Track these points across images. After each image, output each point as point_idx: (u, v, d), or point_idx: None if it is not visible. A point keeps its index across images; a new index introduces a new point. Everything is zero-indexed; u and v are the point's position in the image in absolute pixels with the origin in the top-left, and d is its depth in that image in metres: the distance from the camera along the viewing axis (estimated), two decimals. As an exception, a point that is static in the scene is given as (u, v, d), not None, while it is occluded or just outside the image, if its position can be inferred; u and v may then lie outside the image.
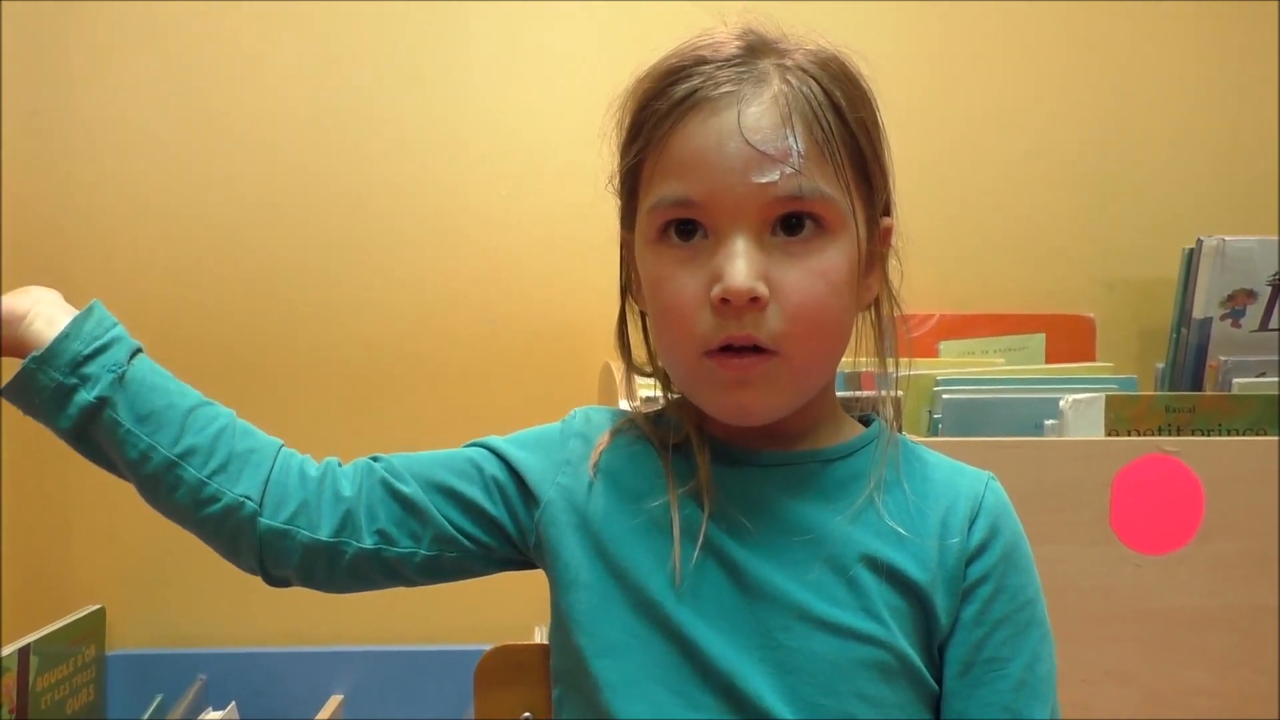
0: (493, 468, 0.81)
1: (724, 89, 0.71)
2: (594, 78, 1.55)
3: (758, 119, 0.70)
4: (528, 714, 0.87)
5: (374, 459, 0.81)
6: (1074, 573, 1.11)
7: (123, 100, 1.56)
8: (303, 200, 1.58)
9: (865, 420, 0.82)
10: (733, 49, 0.72)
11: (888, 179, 0.77)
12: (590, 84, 1.55)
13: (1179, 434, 1.19)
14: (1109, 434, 1.18)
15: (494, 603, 1.31)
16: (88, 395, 0.74)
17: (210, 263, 1.57)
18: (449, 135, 1.59)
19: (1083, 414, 1.18)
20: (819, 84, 0.72)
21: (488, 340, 1.60)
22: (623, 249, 0.81)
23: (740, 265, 0.69)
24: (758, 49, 0.73)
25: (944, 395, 1.24)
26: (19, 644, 1.33)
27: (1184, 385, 1.40)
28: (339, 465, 0.81)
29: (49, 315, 0.75)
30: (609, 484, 0.79)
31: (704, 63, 0.72)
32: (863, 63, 0.76)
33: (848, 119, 0.72)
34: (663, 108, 0.72)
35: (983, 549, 0.75)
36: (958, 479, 0.78)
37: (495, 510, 0.80)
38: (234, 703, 1.46)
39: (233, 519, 0.76)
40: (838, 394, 0.82)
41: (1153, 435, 1.18)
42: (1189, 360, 1.40)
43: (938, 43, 1.64)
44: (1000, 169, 1.65)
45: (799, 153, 0.70)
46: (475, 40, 1.59)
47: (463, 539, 0.80)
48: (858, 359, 0.80)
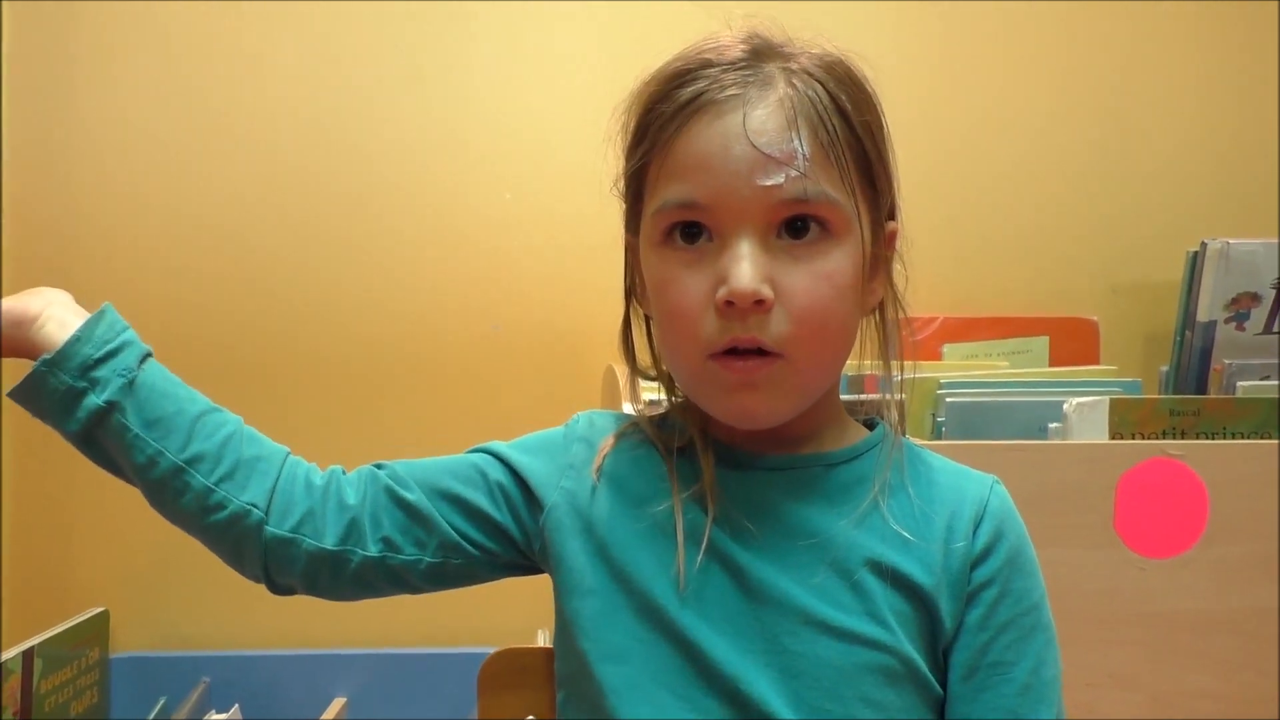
0: (497, 473, 0.81)
1: (730, 92, 0.71)
2: (596, 79, 1.56)
3: (763, 122, 0.70)
4: (531, 717, 0.87)
5: (378, 466, 0.81)
6: (1078, 576, 1.11)
7: (124, 101, 1.56)
8: (304, 201, 1.58)
9: (869, 424, 0.82)
10: (738, 52, 0.72)
11: (892, 183, 0.77)
12: (592, 85, 1.56)
13: (1183, 437, 1.19)
14: (1113, 437, 1.18)
15: (498, 606, 1.31)
16: (97, 399, 0.74)
17: (211, 264, 1.57)
18: (451, 136, 1.59)
19: (1087, 417, 1.18)
20: (824, 87, 0.72)
21: (490, 343, 1.60)
22: (627, 252, 0.81)
23: (745, 268, 0.69)
24: (763, 53, 0.73)
25: (947, 398, 1.23)
26: (22, 647, 1.32)
27: (1188, 388, 1.40)
28: (343, 473, 0.81)
29: (61, 318, 0.75)
30: (613, 488, 0.79)
31: (709, 66, 0.72)
32: (866, 65, 0.76)
33: (853, 122, 0.72)
34: (668, 110, 0.72)
35: (987, 553, 0.75)
36: (962, 483, 0.78)
37: (500, 516, 0.80)
38: (237, 705, 1.46)
39: (238, 526, 0.76)
40: (842, 397, 0.82)
41: (1157, 439, 1.18)
42: (1193, 363, 1.40)
43: (940, 45, 1.64)
44: (1003, 171, 1.65)
45: (804, 156, 0.70)
46: (476, 41, 1.59)
47: (467, 545, 0.79)
48: (862, 362, 0.80)
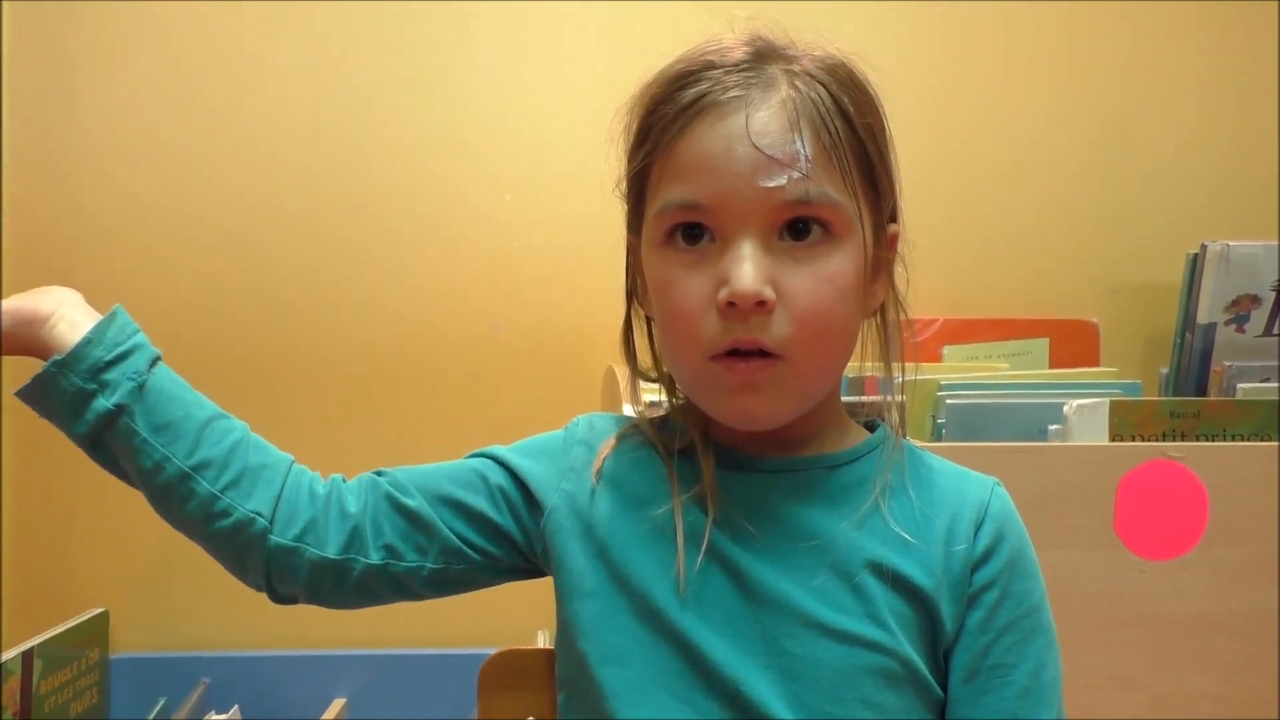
0: (497, 477, 0.81)
1: (732, 94, 0.71)
2: (596, 80, 1.56)
3: (766, 123, 0.70)
4: (531, 718, 0.87)
5: (378, 474, 0.81)
6: (1078, 578, 1.11)
7: (124, 101, 1.56)
8: (304, 202, 1.58)
9: (870, 425, 0.82)
10: (741, 54, 0.72)
11: (894, 185, 0.77)
12: (592, 86, 1.56)
13: (1183, 439, 1.19)
14: (1113, 439, 1.18)
15: (498, 607, 1.30)
16: (106, 402, 0.73)
17: (211, 264, 1.57)
18: (451, 137, 1.59)
19: (1087, 419, 1.18)
20: (827, 90, 0.72)
21: (490, 344, 1.60)
22: (629, 254, 0.81)
23: (747, 269, 0.69)
24: (766, 55, 0.73)
25: (948, 400, 1.23)
26: (22, 647, 1.33)
27: (1188, 390, 1.40)
28: (343, 482, 0.81)
29: (72, 319, 0.75)
30: (613, 490, 0.79)
31: (712, 68, 0.72)
32: (867, 67, 0.76)
33: (855, 125, 0.72)
34: (670, 112, 0.72)
35: (988, 555, 0.75)
36: (963, 485, 0.78)
37: (502, 520, 0.80)
38: (237, 706, 1.46)
39: (243, 534, 0.76)
40: (843, 399, 0.82)
41: (1157, 440, 1.18)
42: (1193, 365, 1.40)
43: (940, 46, 1.64)
44: (1003, 173, 1.65)
45: (807, 157, 0.70)
46: (477, 42, 1.59)
47: (469, 551, 0.79)
48: (863, 364, 0.80)
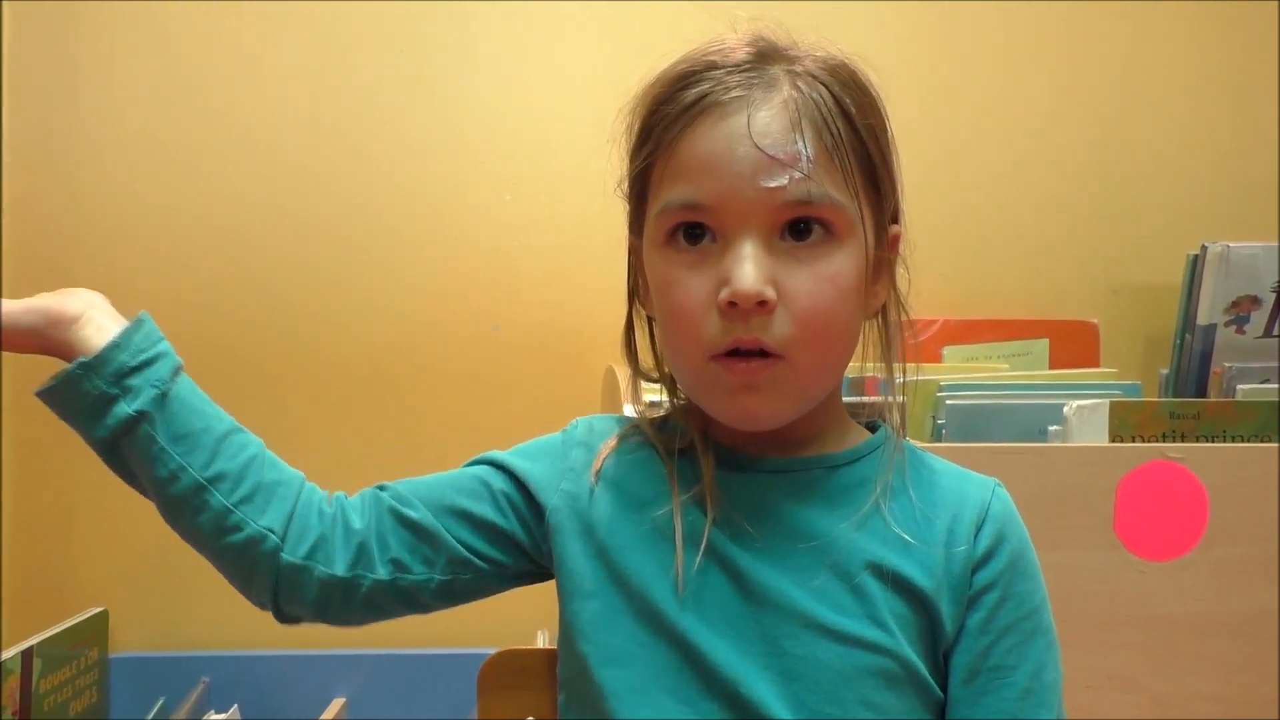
0: (500, 482, 0.81)
1: (734, 94, 0.71)
2: (597, 80, 1.56)
3: (767, 124, 0.70)
4: (531, 718, 0.87)
5: (380, 488, 0.81)
6: (1078, 578, 1.11)
7: (124, 102, 1.56)
8: (304, 202, 1.58)
9: (871, 426, 0.82)
10: (743, 55, 0.73)
11: (896, 186, 0.77)
12: (593, 87, 1.56)
13: (1183, 440, 1.19)
14: (1113, 440, 1.18)
15: (497, 607, 1.29)
16: (128, 408, 0.73)
17: (212, 265, 1.57)
18: (451, 137, 1.59)
19: (1087, 420, 1.18)
20: (829, 90, 0.72)
21: (491, 344, 1.60)
22: (631, 254, 0.81)
23: (748, 269, 0.69)
24: (768, 55, 0.73)
25: (948, 401, 1.23)
26: (22, 646, 1.32)
27: (1188, 391, 1.40)
28: (346, 498, 0.80)
29: (100, 322, 0.74)
30: (613, 491, 0.79)
31: (714, 68, 0.72)
32: (868, 68, 0.76)
33: (857, 125, 0.72)
34: (672, 112, 0.72)
35: (989, 556, 0.75)
36: (964, 486, 0.78)
37: (507, 525, 0.80)
38: (236, 706, 1.46)
39: (254, 550, 0.75)
40: (844, 399, 0.82)
41: (1157, 441, 1.18)
42: (1193, 366, 1.40)
43: (940, 47, 1.64)
44: (1004, 174, 1.65)
45: (808, 158, 0.70)
46: (477, 42, 1.59)
47: (476, 560, 0.79)
48: (864, 365, 0.80)
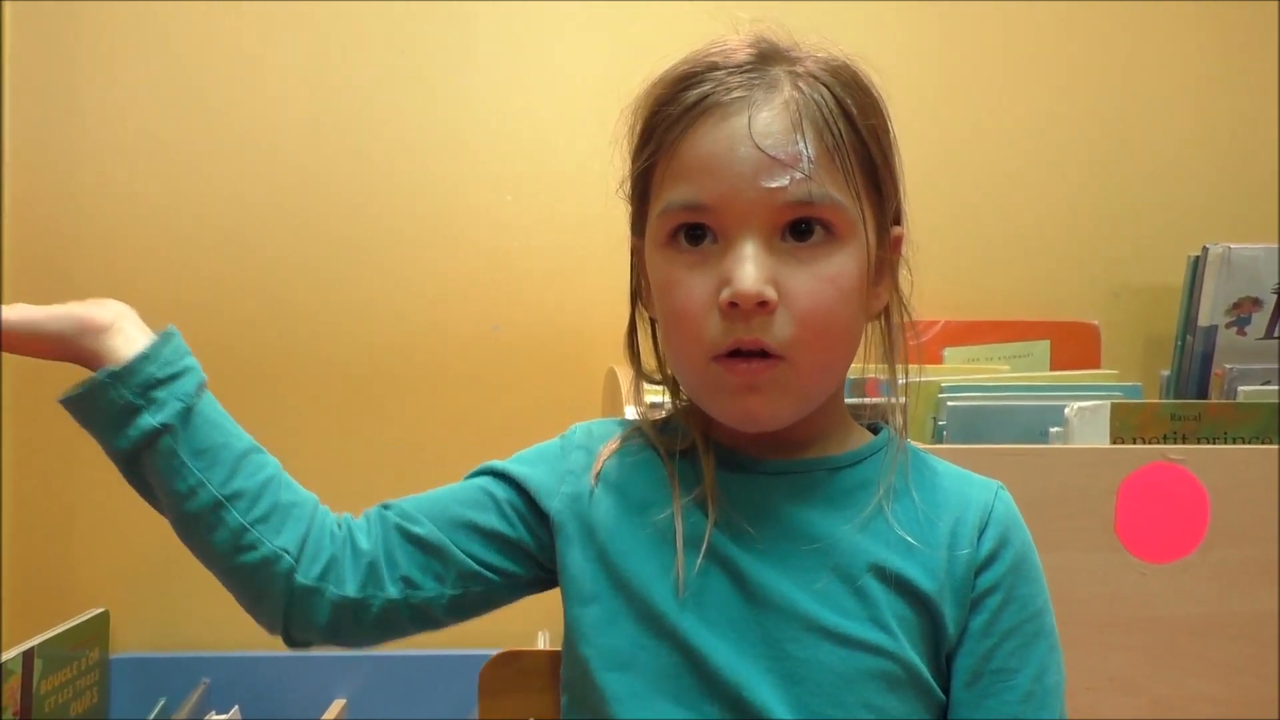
0: (503, 491, 0.80)
1: (735, 94, 0.71)
2: (597, 81, 1.56)
3: (768, 124, 0.70)
4: (532, 719, 0.87)
5: (384, 506, 0.80)
6: (1079, 580, 1.11)
7: (125, 102, 1.56)
8: (305, 202, 1.58)
9: (873, 428, 0.82)
10: (744, 56, 0.73)
11: (898, 187, 0.77)
12: (593, 87, 1.56)
13: (1184, 442, 1.18)
14: (1114, 442, 1.18)
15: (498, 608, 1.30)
16: (152, 419, 0.72)
17: (212, 265, 1.57)
18: (451, 138, 1.59)
19: (1088, 421, 1.18)
20: (830, 91, 0.72)
21: (491, 345, 1.60)
22: (633, 255, 0.81)
23: (749, 269, 0.69)
24: (769, 56, 0.73)
25: (949, 402, 1.23)
26: (23, 647, 1.33)
27: (1189, 393, 1.40)
28: (353, 519, 0.80)
29: (129, 333, 0.74)
30: (614, 494, 0.78)
31: (716, 69, 0.72)
32: (869, 69, 0.76)
33: (859, 126, 0.72)
34: (674, 112, 0.72)
35: (992, 559, 0.75)
36: (967, 488, 0.78)
37: (514, 533, 0.79)
38: (237, 706, 1.46)
39: (267, 570, 0.75)
40: (846, 401, 0.81)
41: (1158, 443, 1.18)
42: (1194, 368, 1.40)
43: (941, 48, 1.64)
44: (1005, 175, 1.65)
45: (809, 158, 0.70)
46: (478, 42, 1.59)
47: (486, 571, 0.79)
48: (865, 366, 0.80)
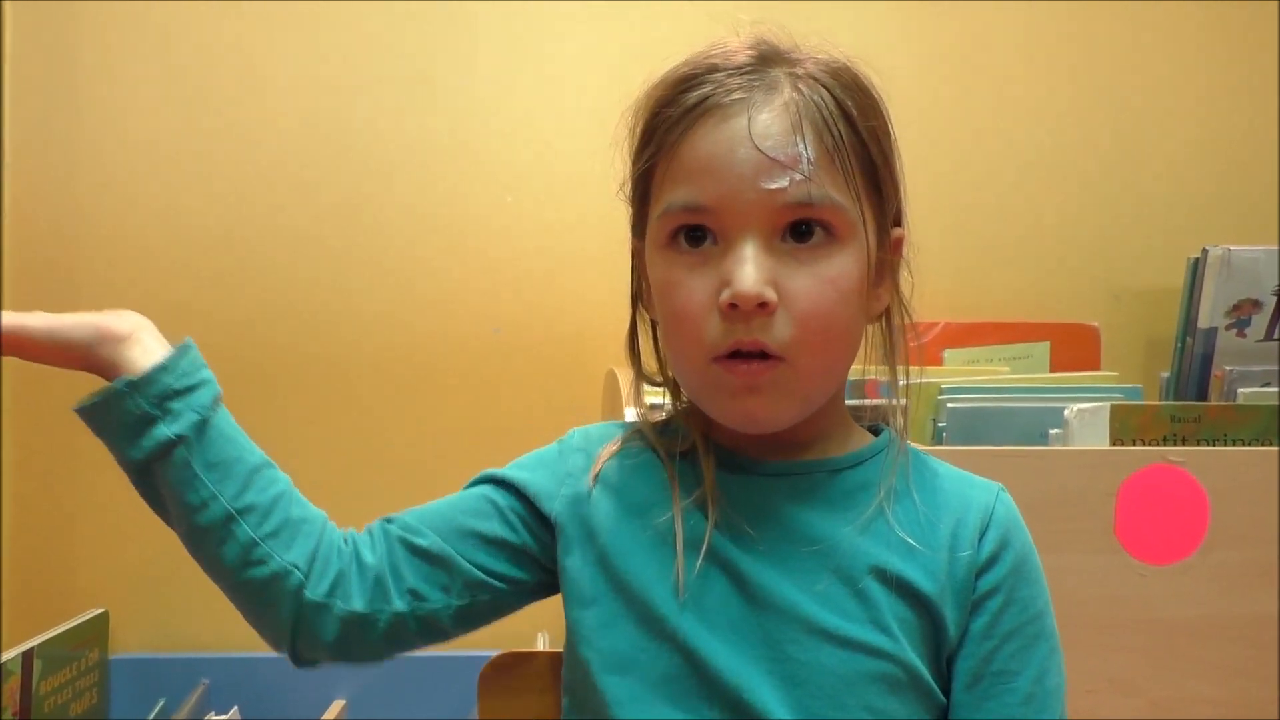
0: (504, 498, 0.80)
1: (735, 96, 0.71)
2: (598, 83, 1.56)
3: (768, 125, 0.70)
4: (532, 720, 0.87)
5: (387, 520, 0.80)
6: (1078, 582, 1.11)
7: (126, 103, 1.56)
8: (306, 203, 1.58)
9: (874, 429, 0.82)
10: (744, 57, 0.73)
11: (899, 188, 0.76)
12: (594, 89, 1.56)
13: (1184, 444, 1.18)
14: (1114, 443, 1.17)
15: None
16: (167, 430, 0.72)
17: (212, 266, 1.57)
18: (453, 141, 1.59)
19: (1088, 423, 1.18)
20: (830, 93, 0.72)
21: (492, 347, 1.60)
22: (634, 257, 0.81)
23: (749, 270, 0.69)
24: (769, 58, 0.73)
25: (948, 404, 1.23)
26: (22, 648, 1.33)
27: (1189, 395, 1.40)
28: (356, 534, 0.79)
29: (147, 344, 0.73)
30: (614, 496, 0.78)
31: (716, 70, 0.72)
32: (870, 70, 0.76)
33: (859, 127, 0.72)
34: (674, 114, 0.72)
35: (993, 561, 0.75)
36: (968, 490, 0.78)
37: (518, 540, 0.79)
38: (237, 707, 1.46)
39: (276, 586, 0.74)
40: (846, 402, 0.81)
41: (1158, 445, 1.18)
42: (1194, 370, 1.40)
43: (943, 51, 1.64)
44: (1005, 177, 1.65)
45: (809, 159, 0.70)
46: (478, 45, 1.59)
47: (492, 580, 0.79)
48: (865, 367, 0.80)
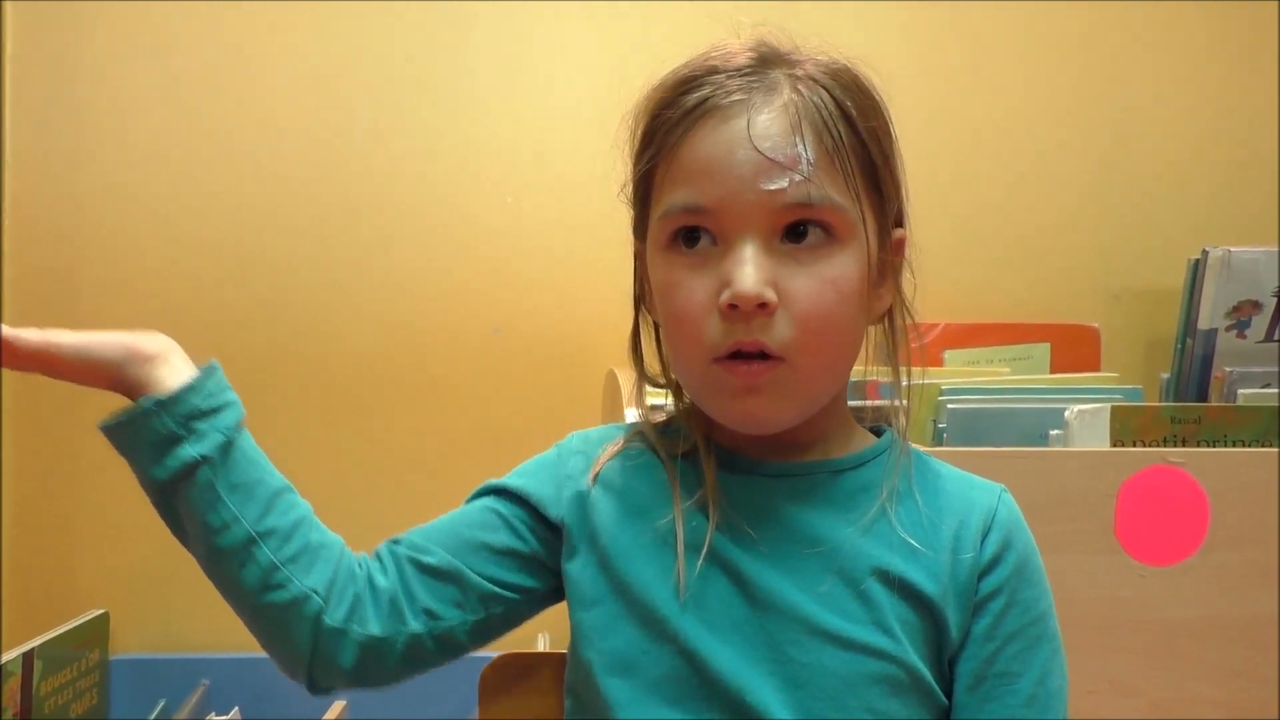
0: (508, 507, 0.80)
1: (734, 97, 0.71)
2: (598, 84, 1.56)
3: (767, 126, 0.70)
4: (532, 721, 0.87)
5: (394, 542, 0.80)
6: (1078, 583, 1.11)
7: (127, 104, 1.56)
8: (307, 205, 1.58)
9: (876, 430, 0.82)
10: (744, 59, 0.73)
11: (900, 189, 0.76)
12: (594, 90, 1.56)
13: (1184, 445, 1.18)
14: (1114, 444, 1.17)
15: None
16: (192, 450, 0.71)
17: (213, 268, 1.57)
18: (454, 141, 1.59)
19: (1088, 424, 1.18)
20: (830, 94, 0.72)
21: (492, 347, 1.60)
22: (636, 259, 0.81)
23: (749, 271, 0.69)
24: (769, 59, 0.73)
25: (949, 405, 1.23)
26: (23, 648, 1.33)
27: (1189, 396, 1.40)
28: (368, 559, 0.79)
29: (175, 364, 0.73)
30: (616, 498, 0.78)
31: (716, 72, 0.72)
32: (871, 71, 0.76)
33: (859, 128, 0.72)
34: (674, 116, 0.72)
35: (995, 563, 0.75)
36: (970, 491, 0.78)
37: (527, 548, 0.79)
38: (237, 708, 1.46)
39: (296, 611, 0.74)
40: (848, 403, 0.81)
41: (1158, 446, 1.18)
42: (1194, 371, 1.40)
43: (944, 52, 1.64)
44: (1006, 179, 1.65)
45: (808, 160, 0.70)
46: (479, 46, 1.60)
47: (505, 591, 0.78)
48: (866, 368, 0.80)
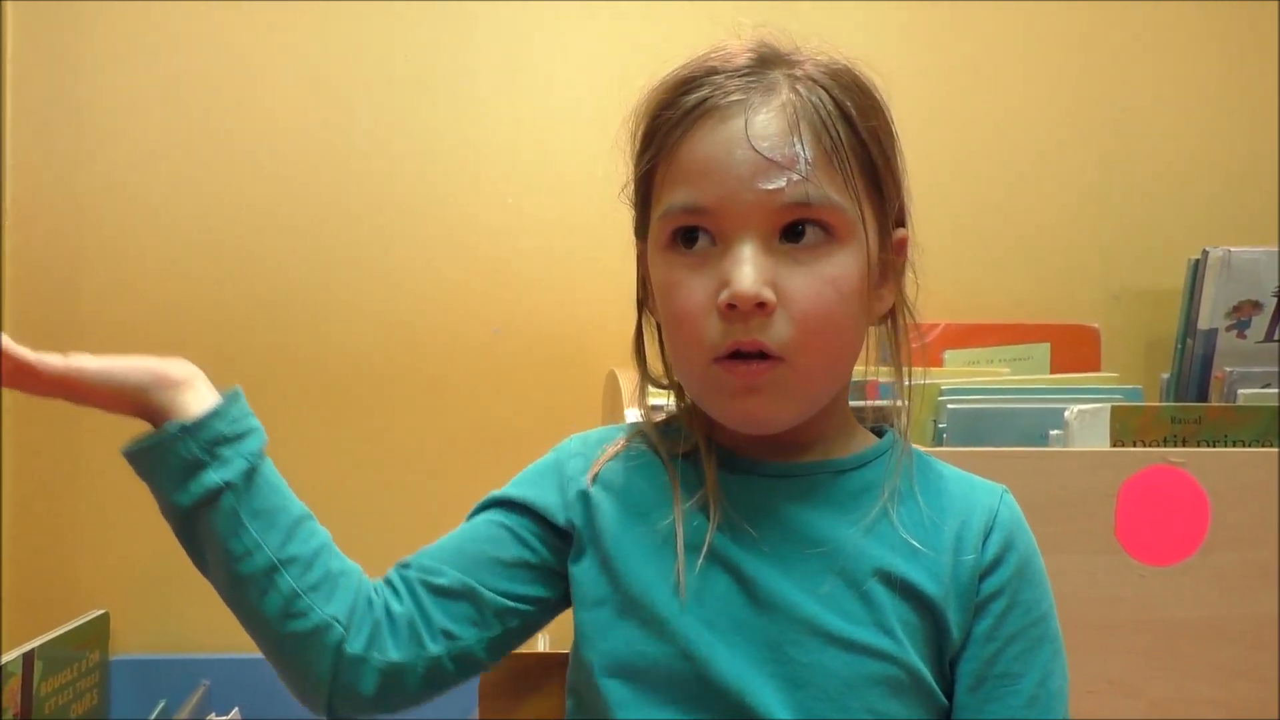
0: (513, 519, 0.79)
1: (733, 97, 0.71)
2: (598, 84, 1.56)
3: (765, 126, 0.70)
4: (532, 722, 0.87)
5: (403, 565, 0.79)
6: (1079, 583, 1.11)
7: (127, 106, 1.56)
8: (307, 206, 1.58)
9: (877, 431, 0.82)
10: (744, 60, 0.73)
11: (900, 189, 0.76)
12: (594, 91, 1.56)
13: (1184, 445, 1.18)
14: (1114, 445, 1.17)
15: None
16: (216, 476, 0.71)
17: (213, 269, 1.57)
18: (454, 142, 1.59)
19: (1088, 424, 1.18)
20: (829, 94, 0.72)
21: (492, 347, 1.60)
22: (638, 261, 0.81)
23: (747, 271, 0.69)
24: (769, 60, 0.73)
25: (949, 405, 1.23)
26: (23, 649, 1.33)
27: (1189, 396, 1.40)
28: (381, 585, 0.78)
29: (201, 390, 0.73)
30: (617, 499, 0.78)
31: (715, 73, 0.72)
32: (872, 72, 0.76)
33: (858, 128, 0.72)
34: (674, 116, 0.72)
35: (997, 564, 0.75)
36: (972, 492, 0.78)
37: (537, 558, 0.79)
38: (237, 709, 1.46)
39: (317, 639, 0.73)
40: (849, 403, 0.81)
41: (1158, 446, 1.18)
42: (1194, 371, 1.40)
43: (944, 52, 1.64)
44: (1006, 179, 1.65)
45: (807, 160, 0.70)
46: (479, 46, 1.60)
47: (519, 604, 0.78)
48: (866, 368, 0.80)
